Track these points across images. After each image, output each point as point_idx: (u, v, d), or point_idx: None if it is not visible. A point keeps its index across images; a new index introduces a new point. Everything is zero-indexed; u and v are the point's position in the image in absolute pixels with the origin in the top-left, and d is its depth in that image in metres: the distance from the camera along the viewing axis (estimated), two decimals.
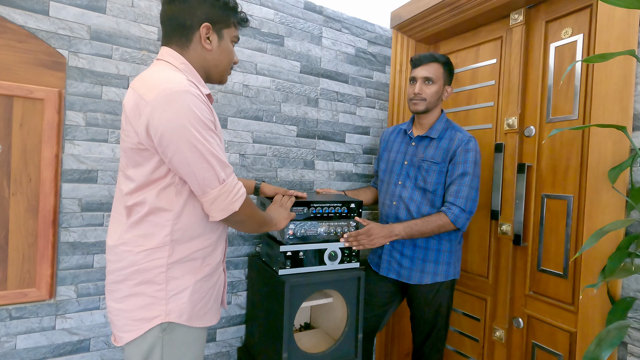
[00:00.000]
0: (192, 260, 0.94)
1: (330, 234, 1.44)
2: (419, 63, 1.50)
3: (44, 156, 1.24)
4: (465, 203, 1.40)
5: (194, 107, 0.84)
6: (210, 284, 0.99)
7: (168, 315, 0.90)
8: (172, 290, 0.91)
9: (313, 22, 1.77)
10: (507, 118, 1.59)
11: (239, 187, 0.91)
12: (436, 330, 1.51)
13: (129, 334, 0.90)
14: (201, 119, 0.85)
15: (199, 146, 0.84)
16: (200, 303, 0.96)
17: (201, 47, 0.95)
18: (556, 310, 1.43)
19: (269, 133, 1.68)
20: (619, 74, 1.13)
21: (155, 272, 0.90)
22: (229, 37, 1.00)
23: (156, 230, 0.90)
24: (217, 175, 0.87)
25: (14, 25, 1.19)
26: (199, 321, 0.96)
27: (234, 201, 0.90)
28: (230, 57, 1.01)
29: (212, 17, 0.94)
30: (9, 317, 1.23)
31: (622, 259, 1.02)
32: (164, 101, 0.82)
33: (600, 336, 0.90)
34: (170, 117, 0.82)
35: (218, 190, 0.87)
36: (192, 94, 0.85)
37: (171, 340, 0.91)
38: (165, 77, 0.87)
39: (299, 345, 1.36)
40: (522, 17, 1.56)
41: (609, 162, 1.14)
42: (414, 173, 1.51)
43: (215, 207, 0.89)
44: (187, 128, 0.83)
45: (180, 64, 0.94)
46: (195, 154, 0.84)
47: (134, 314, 0.90)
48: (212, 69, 1.00)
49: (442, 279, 1.48)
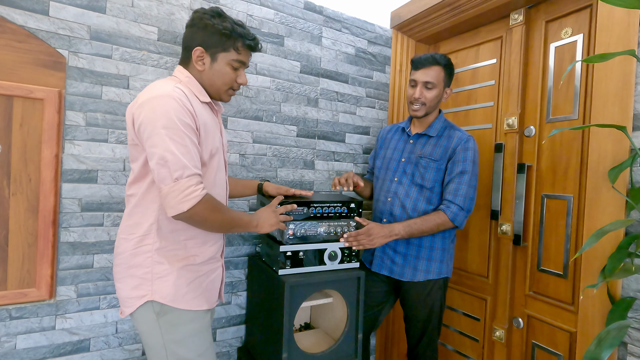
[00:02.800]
0: (177, 249, 1.05)
1: (330, 234, 1.44)
2: (420, 66, 1.47)
3: (44, 156, 1.24)
4: (463, 201, 1.40)
5: (169, 108, 0.95)
6: (200, 274, 1.09)
7: (153, 295, 1.02)
8: (157, 274, 1.02)
9: (313, 22, 1.77)
10: (507, 118, 1.59)
11: (193, 189, 0.94)
12: (430, 329, 1.51)
13: (128, 309, 1.05)
14: (174, 121, 0.94)
15: (161, 144, 0.93)
16: (186, 288, 1.05)
17: (195, 66, 1.08)
18: (556, 310, 1.43)
19: (269, 133, 1.68)
20: (619, 74, 1.13)
21: (143, 257, 1.02)
22: (225, 60, 1.08)
23: (144, 220, 1.03)
24: (170, 172, 0.93)
25: (14, 25, 1.19)
26: (184, 304, 1.04)
27: (183, 201, 0.93)
28: (224, 79, 1.10)
29: (207, 42, 1.06)
30: (9, 317, 1.23)
31: (622, 259, 1.02)
32: (148, 101, 0.96)
33: (600, 336, 0.90)
34: (147, 114, 0.95)
35: (169, 188, 0.94)
36: (173, 98, 0.96)
37: (167, 321, 1.03)
38: (158, 85, 1.00)
39: (299, 345, 1.36)
40: (522, 17, 1.56)
41: (609, 162, 1.14)
42: (411, 170, 1.51)
43: (166, 204, 0.95)
44: (156, 125, 0.93)
45: (185, 77, 1.08)
46: (156, 149, 0.94)
47: (129, 293, 1.04)
48: (208, 87, 1.11)
49: (435, 276, 1.48)
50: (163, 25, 1.43)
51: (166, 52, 1.44)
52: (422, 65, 1.47)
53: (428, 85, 1.46)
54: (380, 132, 1.75)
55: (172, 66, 1.45)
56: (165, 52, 1.43)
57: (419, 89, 1.47)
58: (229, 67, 1.09)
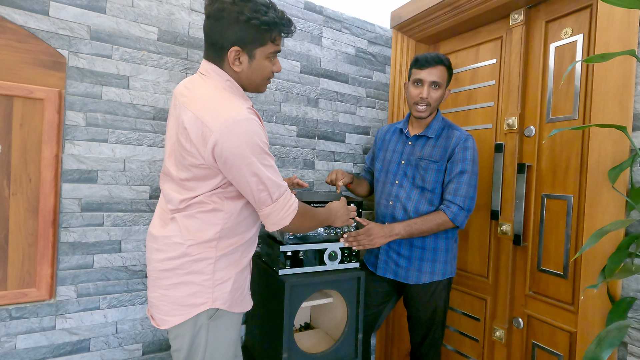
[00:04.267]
0: (234, 253, 1.04)
1: (330, 234, 1.44)
2: (427, 65, 1.43)
3: (44, 156, 1.23)
4: (463, 201, 1.40)
5: (254, 134, 0.92)
6: (246, 275, 1.11)
7: (214, 302, 1.00)
8: (218, 280, 1.01)
9: (313, 22, 1.77)
10: (507, 118, 1.59)
11: (290, 204, 1.00)
12: (434, 329, 1.51)
13: (176, 318, 0.99)
14: (259, 146, 0.93)
15: (257, 172, 0.93)
16: (239, 292, 1.07)
17: (232, 67, 0.99)
18: (556, 310, 1.43)
19: (269, 133, 1.68)
20: (619, 74, 1.13)
21: (204, 263, 0.99)
22: (264, 54, 0.99)
23: (208, 227, 0.99)
24: (270, 195, 0.96)
25: (14, 25, 1.19)
26: (237, 307, 1.07)
27: (285, 217, 0.99)
28: (263, 74, 1.03)
29: (243, 39, 0.95)
30: (9, 317, 1.23)
31: (622, 259, 1.02)
32: (227, 130, 0.89)
33: (601, 336, 0.90)
34: (233, 144, 0.90)
35: (271, 208, 0.97)
36: (252, 121, 0.92)
37: (215, 325, 1.02)
38: (225, 104, 0.94)
39: (299, 345, 1.36)
40: (522, 17, 1.56)
41: (609, 162, 1.14)
42: (411, 172, 1.50)
43: (268, 222, 1.00)
44: (248, 155, 0.91)
45: (226, 81, 1.00)
46: (253, 178, 0.93)
47: (183, 300, 0.99)
48: (246, 85, 1.05)
49: (440, 277, 1.48)
50: (163, 25, 1.43)
51: (166, 52, 1.44)
52: (428, 65, 1.43)
53: (434, 85, 1.44)
54: (377, 133, 1.73)
55: (172, 66, 1.45)
56: (165, 52, 1.43)
57: (426, 88, 1.44)
58: (267, 61, 1.01)
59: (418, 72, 1.46)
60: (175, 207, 1.01)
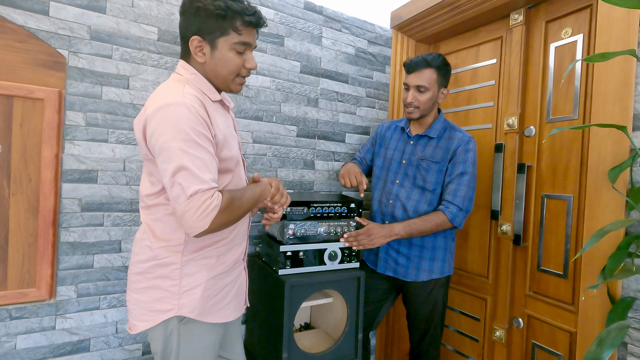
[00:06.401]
0: (206, 258, 0.98)
1: (330, 234, 1.44)
2: (412, 69, 1.46)
3: (44, 156, 1.23)
4: (462, 202, 1.41)
5: (181, 118, 0.85)
6: (226, 282, 1.03)
7: (180, 309, 0.95)
8: (185, 287, 0.96)
9: (313, 22, 1.77)
10: (507, 118, 1.59)
11: (209, 202, 0.84)
12: (433, 327, 1.52)
13: (144, 324, 0.96)
14: (186, 132, 0.85)
15: (175, 159, 0.84)
16: (213, 300, 1.00)
17: (195, 59, 0.97)
18: (556, 310, 1.43)
19: (269, 133, 1.68)
20: (619, 74, 1.13)
21: (171, 268, 0.95)
22: (227, 45, 0.95)
23: (174, 230, 0.95)
24: (183, 190, 0.83)
25: (14, 25, 1.19)
26: (210, 317, 0.99)
27: (201, 218, 0.83)
28: (229, 67, 0.97)
29: (202, 29, 0.93)
30: (9, 317, 1.23)
31: (622, 259, 1.02)
32: (155, 112, 0.86)
33: (601, 337, 0.90)
34: (156, 126, 0.86)
35: (183, 207, 0.83)
36: (184, 105, 0.86)
37: (188, 330, 0.97)
38: (167, 91, 0.91)
39: (299, 345, 1.36)
40: (522, 17, 1.56)
41: (609, 162, 1.14)
42: (412, 172, 1.51)
43: (184, 224, 0.85)
44: (167, 140, 0.84)
45: (191, 74, 0.97)
46: (167, 165, 0.85)
47: (150, 305, 0.96)
48: (213, 79, 1.00)
49: (438, 275, 1.49)
50: (163, 25, 1.43)
51: (166, 52, 1.44)
52: (413, 69, 1.46)
53: (420, 89, 1.45)
54: (378, 128, 1.73)
55: (172, 66, 1.45)
56: (165, 52, 1.43)
57: (411, 93, 1.47)
58: (232, 53, 0.96)
59: (406, 77, 1.50)
60: (144, 204, 0.99)
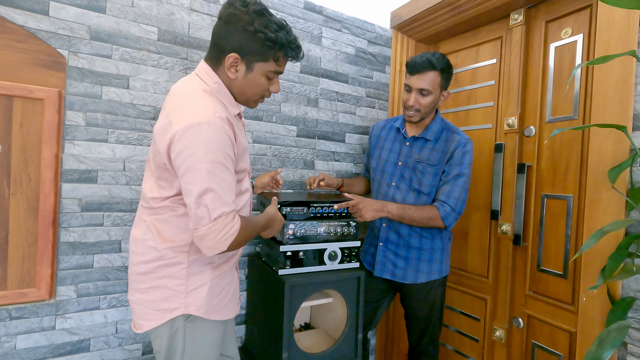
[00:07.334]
0: (211, 257, 1.00)
1: (330, 233, 1.44)
2: (415, 71, 1.39)
3: (44, 156, 1.23)
4: (456, 203, 1.40)
5: (212, 140, 0.85)
6: (227, 281, 1.07)
7: (187, 307, 0.97)
8: (192, 285, 0.98)
9: (313, 22, 1.77)
10: (507, 118, 1.59)
11: (230, 226, 0.88)
12: (431, 326, 1.52)
13: (150, 322, 0.98)
14: (215, 154, 0.86)
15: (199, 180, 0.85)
16: (218, 298, 1.02)
17: (227, 73, 0.96)
18: (556, 310, 1.43)
19: (269, 133, 1.68)
20: (619, 74, 1.13)
21: (177, 267, 0.97)
22: (262, 71, 0.96)
23: (181, 231, 0.97)
24: (209, 213, 0.86)
25: (14, 25, 1.19)
26: (215, 314, 1.02)
27: (223, 240, 0.88)
28: (257, 89, 0.99)
29: (244, 48, 0.93)
30: (9, 317, 1.23)
31: (622, 259, 1.02)
32: (185, 129, 0.85)
33: (601, 337, 0.90)
34: (185, 145, 0.85)
35: (207, 229, 0.86)
36: (215, 126, 0.86)
37: (194, 328, 0.99)
38: (195, 104, 0.90)
39: (299, 345, 1.36)
40: (522, 17, 1.56)
41: (609, 162, 1.14)
42: (408, 175, 1.49)
43: (203, 245, 0.88)
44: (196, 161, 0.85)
45: (214, 83, 0.96)
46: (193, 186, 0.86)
47: (156, 305, 0.97)
48: (237, 95, 1.01)
49: (436, 277, 1.49)
50: (163, 25, 1.43)
51: (166, 52, 1.44)
52: (417, 71, 1.39)
53: (423, 92, 1.40)
54: (372, 129, 1.69)
55: (172, 66, 1.45)
56: (165, 52, 1.43)
57: (413, 95, 1.41)
58: (264, 78, 0.98)
59: (408, 77, 1.43)
60: (148, 205, 0.99)
